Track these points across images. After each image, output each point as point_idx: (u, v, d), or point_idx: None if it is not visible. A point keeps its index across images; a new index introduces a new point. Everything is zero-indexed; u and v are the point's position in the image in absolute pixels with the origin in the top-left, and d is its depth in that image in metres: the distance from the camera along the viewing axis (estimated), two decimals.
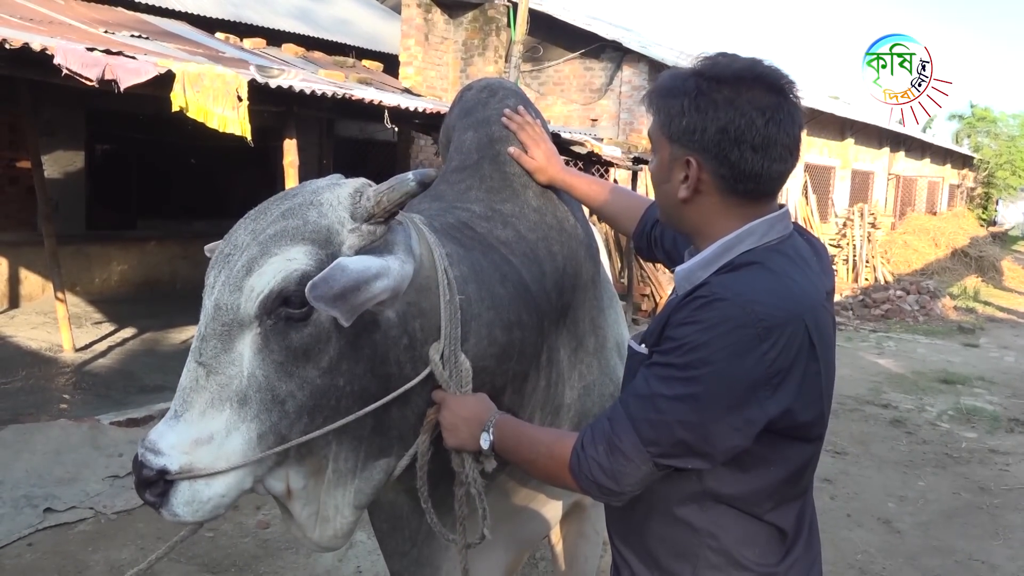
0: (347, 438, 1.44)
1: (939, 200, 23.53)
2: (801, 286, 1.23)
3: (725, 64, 1.25)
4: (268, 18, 10.95)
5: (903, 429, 6.23)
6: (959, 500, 4.86)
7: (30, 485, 4.12)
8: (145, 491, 1.31)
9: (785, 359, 1.16)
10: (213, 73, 4.42)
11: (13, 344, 7.01)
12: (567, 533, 2.34)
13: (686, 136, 1.25)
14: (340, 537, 1.51)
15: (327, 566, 3.68)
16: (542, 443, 1.37)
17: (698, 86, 1.24)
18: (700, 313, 1.18)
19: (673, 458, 1.19)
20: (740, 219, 1.28)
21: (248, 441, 1.33)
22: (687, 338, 1.17)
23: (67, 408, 5.36)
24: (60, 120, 8.65)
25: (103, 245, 9.28)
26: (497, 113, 1.90)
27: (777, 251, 1.26)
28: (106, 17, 8.44)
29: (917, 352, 9.37)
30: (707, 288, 1.21)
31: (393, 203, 1.38)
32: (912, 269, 16.06)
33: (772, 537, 1.29)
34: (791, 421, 1.20)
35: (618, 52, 11.27)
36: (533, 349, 1.71)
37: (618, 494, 1.25)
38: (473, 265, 1.59)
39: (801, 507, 1.34)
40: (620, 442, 1.21)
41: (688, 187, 1.28)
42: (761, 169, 1.24)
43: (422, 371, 1.46)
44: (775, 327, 1.15)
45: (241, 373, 1.33)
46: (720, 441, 1.17)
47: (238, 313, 1.33)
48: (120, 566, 3.57)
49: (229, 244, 1.39)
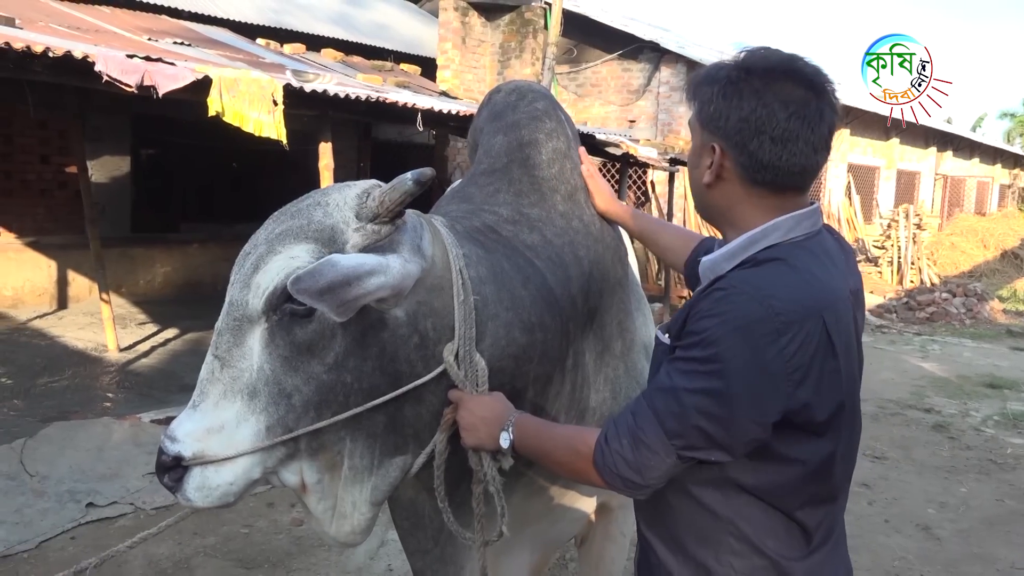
0: (361, 435, 1.46)
1: (989, 200, 22.95)
2: (822, 283, 1.24)
3: (762, 56, 1.28)
4: (308, 24, 11.12)
5: (946, 434, 6.09)
6: (1002, 507, 4.74)
7: (73, 481, 4.23)
8: (163, 476, 1.39)
9: (804, 354, 1.17)
10: (249, 78, 4.50)
11: (61, 344, 7.21)
12: (593, 534, 2.33)
13: (712, 123, 1.28)
14: (358, 533, 1.54)
15: (359, 564, 3.72)
16: (565, 440, 1.38)
17: (730, 75, 1.27)
18: (719, 306, 1.19)
19: (696, 450, 1.20)
20: (764, 210, 1.29)
21: (257, 432, 1.38)
22: (707, 331, 1.19)
23: (110, 406, 5.50)
24: (107, 126, 8.89)
25: (147, 248, 9.51)
26: (526, 116, 1.90)
27: (801, 247, 1.27)
28: (150, 25, 8.65)
29: (963, 356, 9.16)
30: (726, 281, 1.22)
31: (394, 203, 1.40)
32: (959, 271, 15.69)
33: (794, 533, 1.29)
34: (808, 417, 1.21)
35: (656, 53, 11.21)
36: (557, 352, 1.71)
37: (643, 487, 1.26)
38: (493, 267, 1.60)
39: (829, 513, 1.33)
40: (644, 435, 1.22)
41: (712, 172, 1.30)
42: (779, 161, 1.25)
43: (434, 370, 1.48)
44: (794, 322, 1.16)
45: (251, 366, 1.38)
46: (741, 434, 1.19)
47: (247, 309, 1.38)
48: (158, 560, 3.65)
49: (249, 244, 1.46)
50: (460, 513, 1.62)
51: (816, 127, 1.25)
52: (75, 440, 4.54)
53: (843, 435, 1.28)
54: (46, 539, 3.79)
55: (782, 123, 1.23)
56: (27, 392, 5.72)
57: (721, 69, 1.29)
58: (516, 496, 1.80)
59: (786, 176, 1.27)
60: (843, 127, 14.85)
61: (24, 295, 8.58)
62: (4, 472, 4.18)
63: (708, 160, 1.31)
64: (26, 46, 3.82)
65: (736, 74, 1.26)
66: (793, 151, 1.24)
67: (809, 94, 1.24)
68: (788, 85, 1.24)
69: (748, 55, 1.29)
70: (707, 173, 1.31)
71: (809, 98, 1.24)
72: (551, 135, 1.90)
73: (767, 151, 1.25)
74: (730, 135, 1.26)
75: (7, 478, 4.15)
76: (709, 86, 1.29)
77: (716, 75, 1.29)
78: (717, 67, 1.30)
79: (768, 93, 1.23)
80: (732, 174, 1.29)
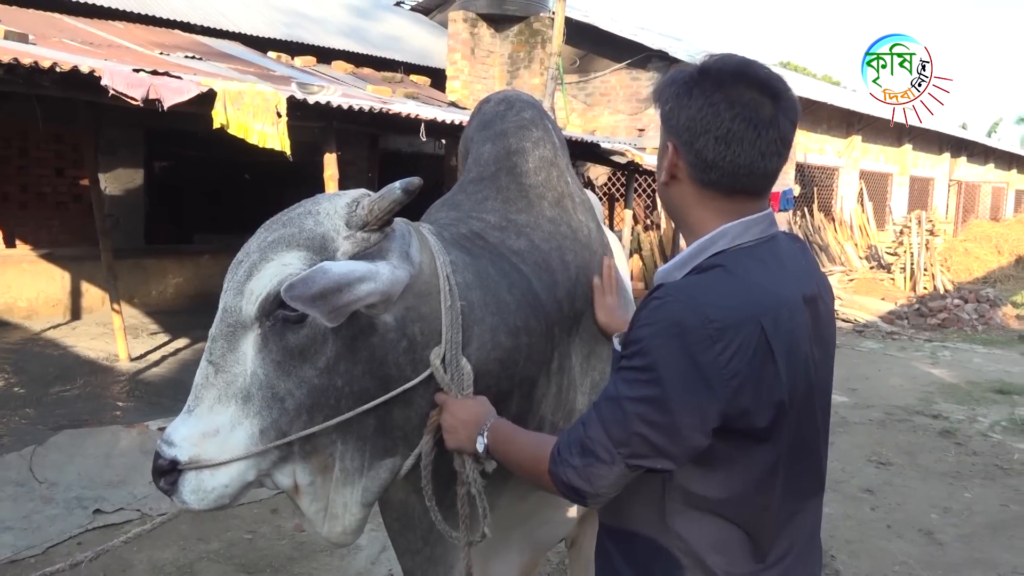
0: (352, 438, 1.50)
1: (1004, 206, 22.76)
2: (763, 288, 1.24)
3: (718, 60, 1.30)
4: (319, 36, 11.23)
5: (952, 440, 6.06)
6: (1007, 512, 4.71)
7: (81, 487, 4.30)
8: (159, 479, 1.43)
9: (741, 360, 1.17)
10: (253, 91, 4.58)
11: (73, 354, 7.31)
12: (583, 536, 2.35)
13: (667, 122, 1.32)
14: (349, 533, 1.59)
15: (360, 569, 3.76)
16: (529, 447, 1.40)
17: (687, 78, 1.30)
18: (654, 315, 1.21)
19: (642, 458, 1.21)
20: (715, 212, 1.30)
21: (251, 436, 1.43)
22: (643, 340, 1.21)
23: (120, 415, 5.58)
24: (120, 139, 9.02)
25: (160, 259, 9.63)
26: (514, 125, 1.95)
27: (748, 254, 1.27)
28: (163, 39, 8.78)
29: (973, 362, 9.09)
30: (663, 290, 1.24)
31: (383, 211, 1.44)
32: (973, 277, 15.55)
33: (744, 546, 1.28)
34: (748, 423, 1.21)
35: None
36: (541, 355, 1.75)
37: (592, 496, 1.26)
38: (479, 273, 1.64)
39: (787, 527, 1.32)
40: (592, 444, 1.23)
41: (665, 171, 1.33)
42: (723, 161, 1.26)
43: (422, 374, 1.52)
44: (728, 328, 1.17)
45: (244, 371, 1.43)
46: (681, 440, 1.19)
47: (240, 315, 1.43)
48: (161, 565, 3.71)
49: (242, 252, 1.50)
50: (450, 514, 1.66)
51: (764, 130, 1.25)
52: (83, 447, 4.62)
53: (785, 441, 1.26)
54: (53, 545, 3.86)
55: (726, 123, 1.24)
56: (39, 401, 5.81)
57: (681, 72, 1.32)
58: (504, 498, 1.83)
59: (731, 177, 1.27)
60: (855, 133, 14.80)
61: (38, 306, 8.70)
62: (13, 479, 4.26)
63: (661, 158, 1.35)
64: (34, 61, 3.91)
65: (692, 76, 1.29)
66: (737, 152, 1.25)
67: (761, 98, 1.25)
68: (739, 87, 1.25)
69: (707, 59, 1.30)
70: (662, 172, 1.34)
71: (760, 102, 1.25)
72: (538, 143, 1.94)
73: (711, 150, 1.26)
74: (680, 133, 1.28)
75: (16, 484, 4.23)
76: (669, 87, 1.32)
77: (676, 77, 1.32)
78: (680, 71, 1.33)
79: (717, 94, 1.25)
80: (684, 174, 1.31)
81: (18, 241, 8.71)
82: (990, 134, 24.93)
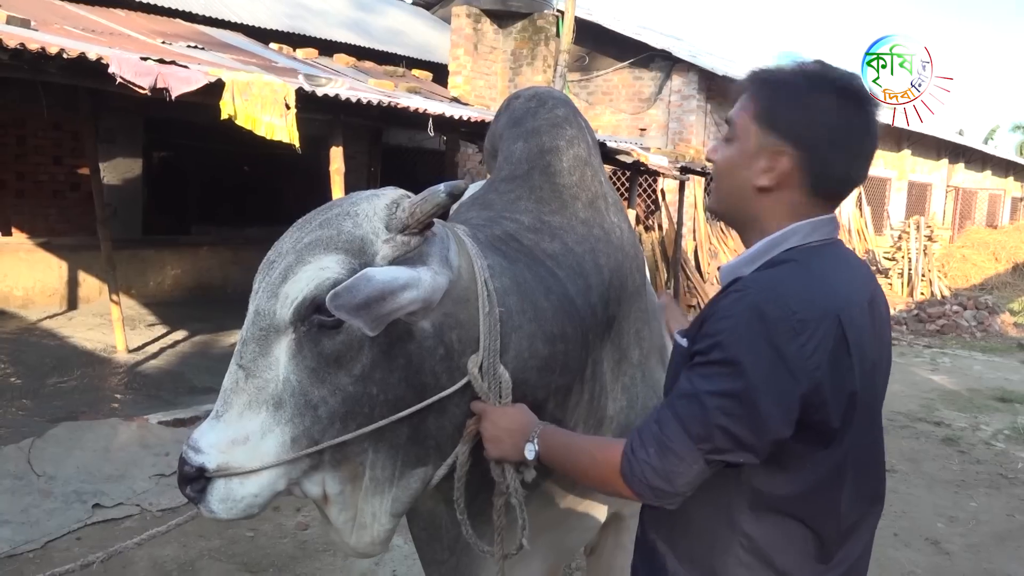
0: (384, 446, 1.46)
1: (1000, 213, 22.84)
2: (837, 285, 1.26)
3: (829, 71, 1.31)
4: (322, 29, 11.15)
5: (956, 448, 6.04)
6: (1013, 522, 4.69)
7: (80, 481, 4.23)
8: (186, 487, 1.37)
9: (822, 353, 1.18)
10: (262, 82, 4.51)
11: (70, 344, 7.23)
12: (604, 543, 2.32)
13: (790, 129, 1.28)
14: (378, 544, 1.54)
15: (363, 569, 3.71)
16: (590, 451, 1.37)
17: (809, 84, 1.29)
18: (735, 307, 1.21)
19: (723, 453, 1.20)
20: (791, 211, 1.31)
21: (282, 444, 1.37)
22: (724, 333, 1.20)
23: (118, 407, 5.51)
24: (119, 128, 8.93)
25: (158, 250, 9.54)
26: (547, 123, 1.90)
27: (817, 252, 1.29)
28: (164, 28, 8.69)
29: (973, 369, 9.09)
30: (742, 283, 1.24)
31: (426, 214, 1.39)
32: (970, 284, 15.59)
33: (810, 545, 1.28)
34: (824, 416, 1.21)
35: (667, 61, 11.21)
36: (577, 363, 1.70)
37: (672, 495, 1.25)
38: (516, 277, 1.60)
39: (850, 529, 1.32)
40: (671, 442, 1.21)
41: (771, 177, 1.29)
42: (846, 175, 1.30)
43: (459, 382, 1.47)
44: (810, 320, 1.18)
45: (277, 377, 1.37)
46: (765, 432, 1.18)
47: (274, 319, 1.37)
48: (162, 562, 3.65)
49: (273, 252, 1.45)
50: (477, 524, 1.62)
51: (872, 144, 1.32)
52: (82, 441, 4.55)
53: (852, 441, 1.27)
54: (52, 539, 3.79)
55: (857, 139, 1.29)
56: (36, 392, 5.73)
57: (796, 75, 1.30)
58: (531, 506, 1.80)
59: (848, 188, 1.32)
60: None
61: (35, 295, 8.61)
62: (11, 472, 4.19)
63: (767, 163, 1.30)
64: (41, 47, 3.84)
65: (815, 84, 1.28)
66: (858, 165, 1.30)
67: (872, 111, 1.31)
68: (856, 103, 1.29)
69: (819, 67, 1.31)
70: (763, 176, 1.30)
71: (871, 116, 1.31)
72: (572, 142, 1.89)
73: (841, 164, 1.28)
74: (809, 143, 1.27)
75: (14, 478, 4.16)
76: (785, 91, 1.30)
77: (793, 80, 1.30)
78: (788, 71, 1.31)
79: (847, 109, 1.28)
80: (795, 181, 1.29)
81: (15, 229, 8.62)
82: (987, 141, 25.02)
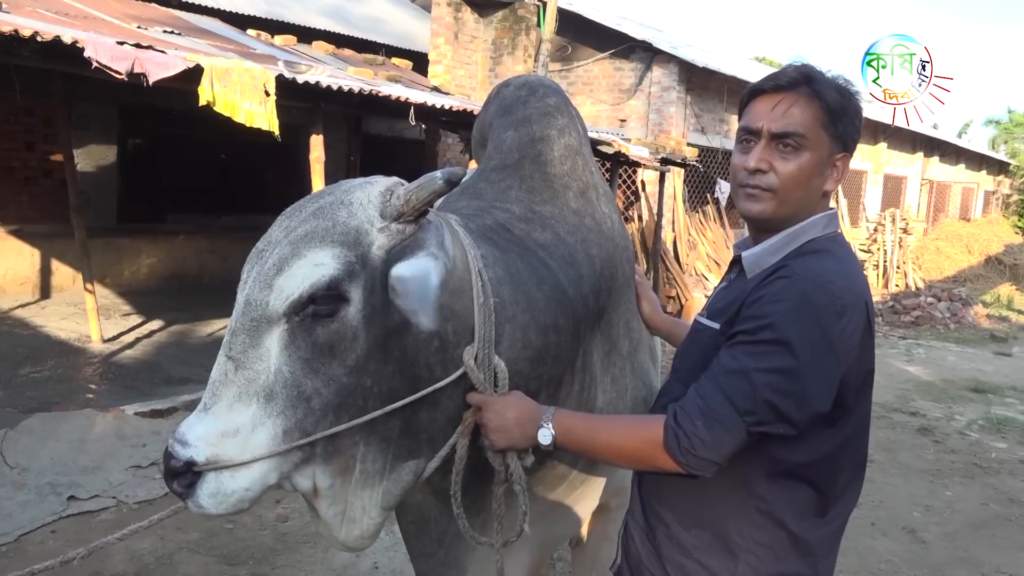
0: (375, 439, 1.43)
1: (973, 206, 23.12)
2: (860, 273, 1.44)
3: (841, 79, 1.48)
4: (300, 15, 11.01)
5: (931, 438, 6.12)
6: (987, 511, 4.77)
7: (55, 473, 4.17)
8: (173, 481, 1.33)
9: (856, 334, 1.34)
10: (241, 68, 4.44)
11: (43, 334, 7.12)
12: (590, 535, 2.32)
13: (845, 134, 1.45)
14: (367, 537, 1.51)
15: (344, 562, 3.69)
16: (623, 429, 1.46)
17: (839, 91, 1.44)
18: (784, 292, 1.33)
19: (765, 425, 1.30)
20: (821, 212, 1.47)
21: (273, 436, 1.34)
22: (774, 315, 1.31)
23: (93, 398, 5.43)
24: (94, 114, 8.77)
25: (133, 238, 9.40)
26: (538, 112, 1.88)
27: (835, 242, 1.45)
28: (140, 13, 8.53)
29: (947, 360, 9.22)
30: (788, 269, 1.37)
31: (422, 201, 1.38)
32: (944, 276, 15.80)
33: (812, 502, 1.42)
34: (847, 391, 1.35)
35: (648, 53, 11.18)
36: (568, 353, 1.69)
37: (714, 465, 1.33)
38: (508, 268, 1.58)
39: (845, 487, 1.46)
40: (717, 415, 1.30)
41: (836, 180, 1.47)
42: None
43: (453, 373, 1.46)
44: (849, 305, 1.33)
45: (268, 368, 1.34)
46: (808, 407, 1.31)
47: (266, 310, 1.34)
48: (140, 555, 3.61)
49: (264, 240, 1.41)
50: (468, 516, 1.60)
51: None
52: (57, 432, 4.48)
53: (863, 409, 1.44)
54: (25, 532, 3.74)
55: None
56: (8, 382, 5.64)
57: (828, 84, 1.43)
58: None
59: None
60: None
61: (6, 284, 8.45)
62: None
63: (837, 171, 1.47)
64: (14, 30, 3.74)
65: (842, 91, 1.45)
66: None
67: None
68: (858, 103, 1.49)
69: (836, 75, 1.47)
70: (831, 181, 1.47)
71: None
72: (563, 131, 1.88)
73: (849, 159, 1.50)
74: (852, 147, 1.47)
75: None
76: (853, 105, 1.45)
77: (830, 87, 1.43)
78: (823, 81, 1.44)
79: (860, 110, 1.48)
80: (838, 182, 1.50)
81: None
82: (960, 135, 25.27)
